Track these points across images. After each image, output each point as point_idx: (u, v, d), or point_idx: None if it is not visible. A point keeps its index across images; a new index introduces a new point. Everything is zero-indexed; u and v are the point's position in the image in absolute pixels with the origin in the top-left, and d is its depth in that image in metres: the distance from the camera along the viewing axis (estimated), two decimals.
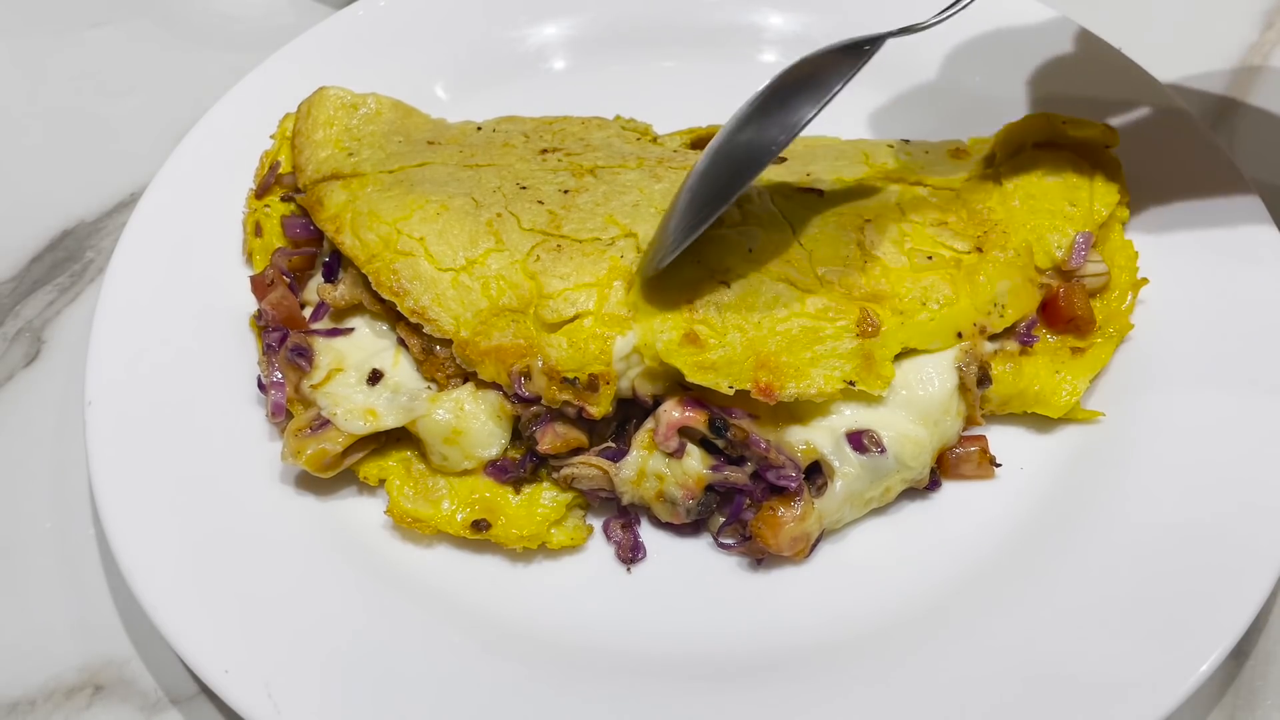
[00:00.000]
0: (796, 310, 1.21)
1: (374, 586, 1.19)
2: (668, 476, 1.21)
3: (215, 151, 1.49)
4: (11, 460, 1.37)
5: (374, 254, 1.28)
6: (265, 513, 1.23)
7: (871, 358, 1.20)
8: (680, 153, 1.41)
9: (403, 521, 1.22)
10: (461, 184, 1.34)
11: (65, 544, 1.30)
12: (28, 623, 1.25)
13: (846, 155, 1.40)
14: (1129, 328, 1.32)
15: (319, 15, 1.75)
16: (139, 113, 1.73)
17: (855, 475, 1.19)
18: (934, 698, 1.09)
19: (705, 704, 1.11)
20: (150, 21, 1.86)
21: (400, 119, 1.50)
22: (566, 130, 1.46)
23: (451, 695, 1.10)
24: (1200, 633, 1.08)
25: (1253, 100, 1.69)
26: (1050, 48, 1.57)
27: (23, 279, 1.56)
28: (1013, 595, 1.16)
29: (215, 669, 1.09)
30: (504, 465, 1.24)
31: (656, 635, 1.18)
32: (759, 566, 1.23)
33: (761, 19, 1.68)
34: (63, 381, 1.44)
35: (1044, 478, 1.26)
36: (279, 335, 1.30)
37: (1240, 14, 1.81)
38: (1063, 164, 1.37)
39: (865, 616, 1.17)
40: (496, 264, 1.25)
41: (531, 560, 1.24)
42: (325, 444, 1.22)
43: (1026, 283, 1.29)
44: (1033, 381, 1.28)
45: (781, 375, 1.18)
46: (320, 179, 1.39)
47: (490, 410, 1.23)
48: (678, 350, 1.18)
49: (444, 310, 1.24)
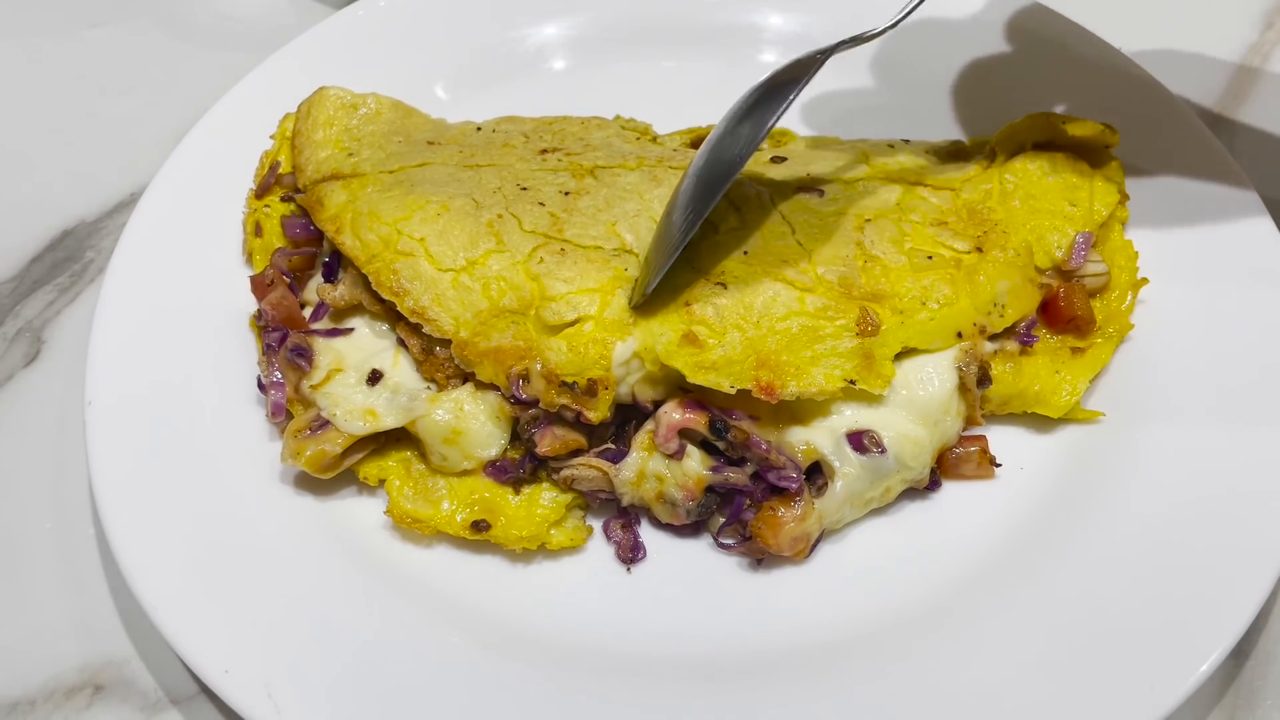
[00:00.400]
0: (795, 309, 1.21)
1: (374, 586, 1.19)
2: (667, 478, 1.21)
3: (215, 151, 1.49)
4: (11, 460, 1.37)
5: (374, 254, 1.28)
6: (266, 513, 1.23)
7: (871, 357, 1.20)
8: (680, 151, 1.42)
9: (402, 522, 1.22)
10: (462, 184, 1.34)
11: (65, 544, 1.30)
12: (28, 623, 1.25)
13: (847, 155, 1.41)
14: (1129, 328, 1.32)
15: (319, 15, 1.75)
16: (139, 113, 1.73)
17: (855, 475, 1.19)
18: (934, 697, 1.09)
19: (705, 704, 1.11)
20: (150, 21, 1.86)
21: (400, 119, 1.50)
22: (566, 130, 1.46)
23: (452, 695, 1.10)
24: (1200, 633, 1.08)
25: (1253, 100, 1.69)
26: (1050, 48, 1.57)
27: (23, 279, 1.56)
28: (1012, 595, 1.16)
29: (215, 669, 1.09)
30: (503, 466, 1.24)
31: (657, 635, 1.18)
32: (759, 566, 1.23)
33: (761, 19, 1.68)
34: (63, 381, 1.44)
35: (1044, 478, 1.26)
36: (279, 335, 1.30)
37: (1240, 14, 1.81)
38: (1063, 164, 1.37)
39: (865, 616, 1.17)
40: (497, 265, 1.25)
41: (531, 560, 1.24)
42: (325, 445, 1.22)
43: (1026, 283, 1.29)
44: (1033, 381, 1.28)
45: (782, 374, 1.18)
46: (320, 179, 1.39)
47: (490, 411, 1.23)
48: (677, 351, 1.18)
49: (444, 310, 1.24)
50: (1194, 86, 1.69)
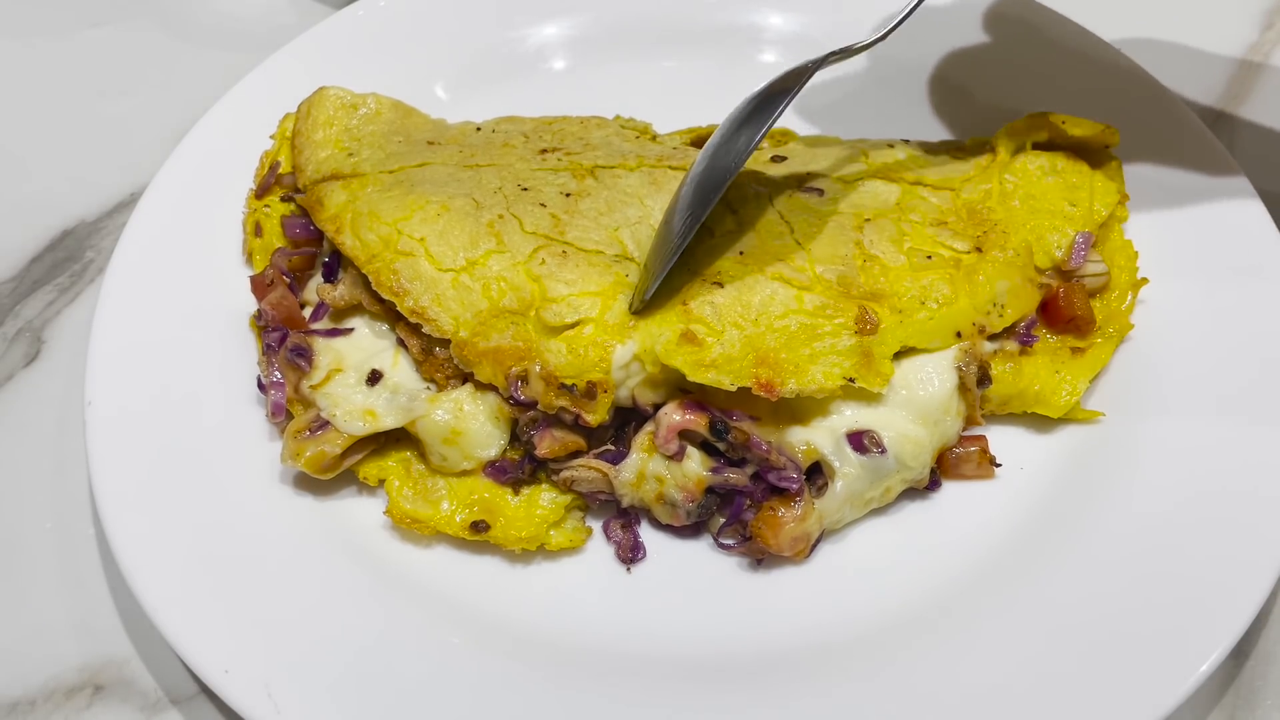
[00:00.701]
0: (793, 308, 1.21)
1: (375, 586, 1.19)
2: (667, 479, 1.21)
3: (215, 151, 1.49)
4: (11, 460, 1.37)
5: (374, 254, 1.28)
6: (265, 513, 1.23)
7: (870, 355, 1.20)
8: (680, 150, 1.41)
9: (402, 522, 1.22)
10: (462, 184, 1.34)
11: (65, 544, 1.30)
12: (28, 623, 1.25)
13: (846, 154, 1.40)
14: (1129, 328, 1.32)
15: (319, 15, 1.75)
16: (139, 113, 1.73)
17: (856, 476, 1.19)
18: (934, 697, 1.09)
19: (706, 703, 1.11)
20: (150, 21, 1.86)
21: (400, 119, 1.50)
22: (566, 130, 1.46)
23: (451, 695, 1.10)
24: (1200, 633, 1.08)
25: (1253, 100, 1.69)
26: (1050, 48, 1.57)
27: (23, 279, 1.56)
28: (1012, 595, 1.16)
29: (215, 669, 1.09)
30: (503, 466, 1.24)
31: (657, 635, 1.18)
32: (759, 566, 1.23)
33: (761, 19, 1.68)
34: (63, 381, 1.44)
35: (1044, 478, 1.26)
36: (278, 335, 1.30)
37: (1240, 14, 1.81)
38: (1062, 164, 1.37)
39: (865, 616, 1.17)
40: (498, 265, 1.25)
41: (532, 560, 1.24)
42: (324, 446, 1.22)
43: (1026, 283, 1.29)
44: (1033, 381, 1.28)
45: (781, 371, 1.18)
46: (320, 179, 1.39)
47: (489, 411, 1.23)
48: (676, 350, 1.18)
49: (444, 310, 1.24)
50: (1194, 86, 1.69)
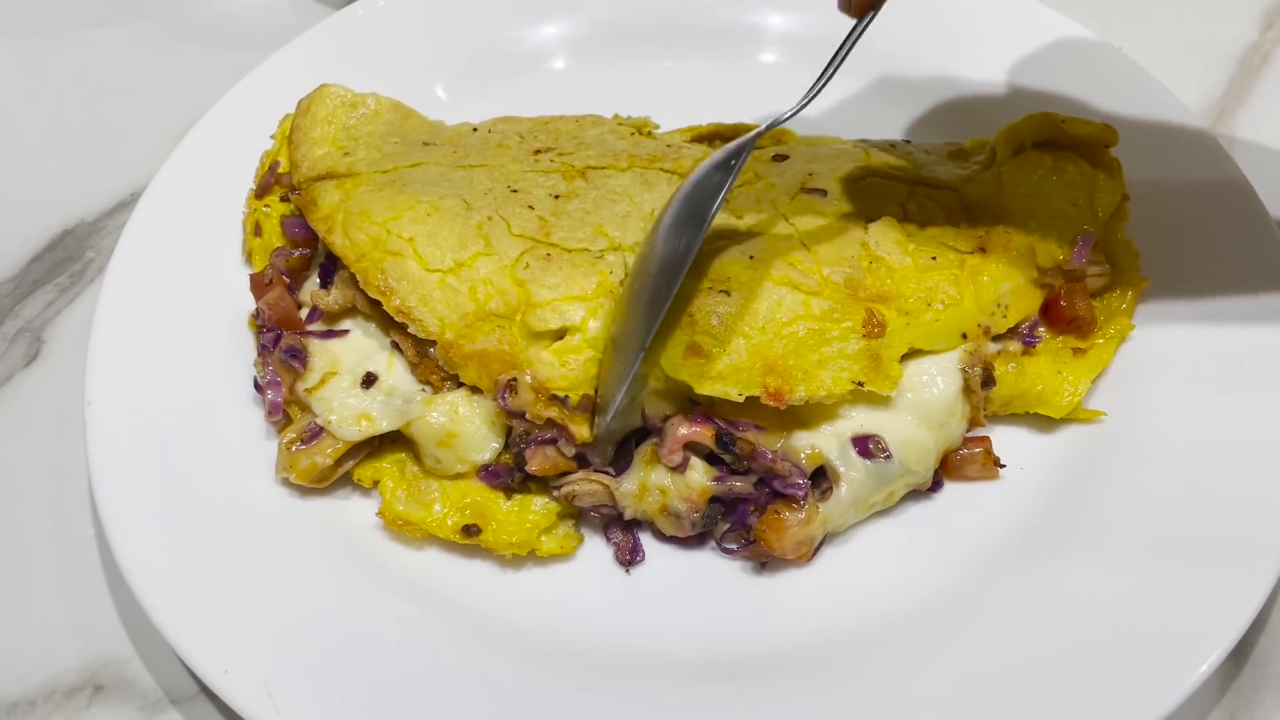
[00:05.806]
0: (801, 313, 1.21)
1: (374, 587, 1.19)
2: (671, 490, 1.19)
3: (215, 151, 1.49)
4: (11, 460, 1.37)
5: (363, 253, 1.28)
6: (265, 513, 1.23)
7: (879, 358, 1.20)
8: (674, 147, 1.41)
9: (394, 525, 1.22)
10: (453, 185, 1.33)
11: (65, 544, 1.30)
12: (28, 623, 1.25)
13: (848, 156, 1.40)
14: (1130, 328, 1.32)
15: (319, 15, 1.75)
16: (139, 113, 1.73)
17: (860, 480, 1.19)
18: (936, 698, 1.09)
19: (707, 704, 1.11)
20: (150, 21, 1.86)
21: (399, 120, 1.49)
22: (561, 129, 1.45)
23: (451, 695, 1.10)
24: (1200, 632, 1.08)
25: (1253, 100, 1.69)
26: (1050, 48, 1.56)
27: (23, 279, 1.56)
28: (1014, 595, 1.16)
29: (215, 669, 1.09)
30: (496, 470, 1.24)
31: (657, 637, 1.17)
32: (762, 569, 1.22)
33: (761, 19, 1.68)
34: (63, 381, 1.44)
35: (1045, 478, 1.26)
36: (273, 336, 1.30)
37: (1240, 14, 1.80)
38: (1063, 164, 1.37)
39: (868, 618, 1.17)
40: (485, 268, 1.25)
41: (532, 561, 1.24)
42: (316, 456, 1.22)
43: (1029, 283, 1.29)
44: (1035, 382, 1.28)
45: (790, 379, 1.17)
46: (315, 177, 1.39)
47: (484, 415, 1.23)
48: (683, 364, 1.17)
49: (429, 311, 1.24)
50: (1194, 86, 1.69)
